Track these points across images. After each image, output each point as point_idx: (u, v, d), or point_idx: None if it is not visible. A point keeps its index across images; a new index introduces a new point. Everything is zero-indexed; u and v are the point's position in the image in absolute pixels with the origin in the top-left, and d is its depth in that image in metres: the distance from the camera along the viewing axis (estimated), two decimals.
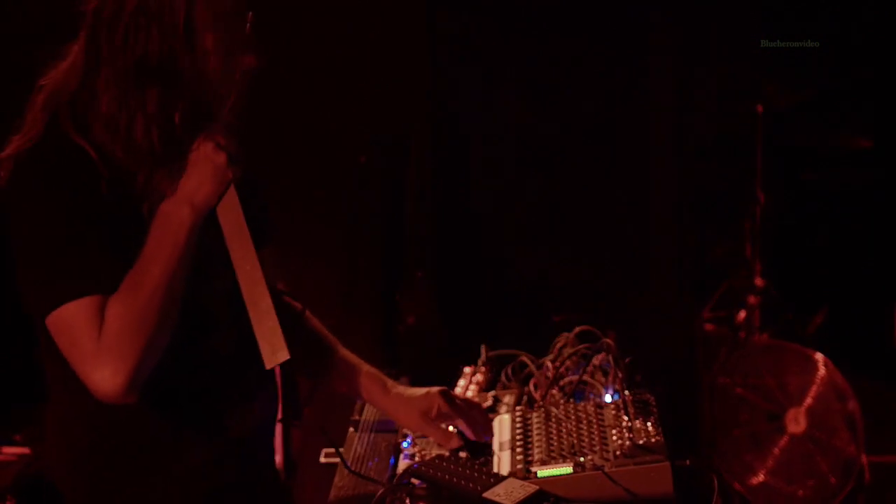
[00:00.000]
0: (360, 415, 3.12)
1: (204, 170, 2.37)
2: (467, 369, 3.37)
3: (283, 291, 2.83)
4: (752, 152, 5.58)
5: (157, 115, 2.36)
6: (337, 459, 2.89)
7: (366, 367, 2.94)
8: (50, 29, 2.40)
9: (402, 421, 2.92)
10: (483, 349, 3.49)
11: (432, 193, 5.75)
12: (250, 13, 2.45)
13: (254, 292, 2.43)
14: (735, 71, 5.87)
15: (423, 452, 2.88)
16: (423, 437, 2.92)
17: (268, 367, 2.42)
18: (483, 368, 3.42)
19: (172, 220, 2.34)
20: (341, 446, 2.97)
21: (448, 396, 2.87)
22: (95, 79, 2.38)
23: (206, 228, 2.41)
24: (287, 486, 2.76)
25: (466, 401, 2.95)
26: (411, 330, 3.76)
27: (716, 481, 2.78)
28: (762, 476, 4.59)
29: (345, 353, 2.95)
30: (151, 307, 2.27)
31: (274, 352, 2.42)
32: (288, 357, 2.42)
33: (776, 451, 4.59)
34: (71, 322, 2.26)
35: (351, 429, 3.06)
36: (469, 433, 2.87)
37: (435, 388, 2.90)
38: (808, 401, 4.61)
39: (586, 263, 5.90)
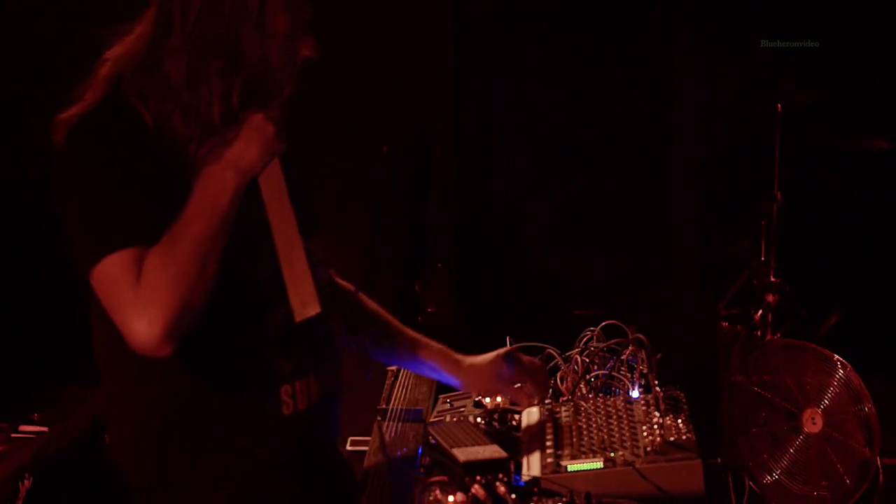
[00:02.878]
0: (387, 404, 3.13)
1: (251, 137, 2.43)
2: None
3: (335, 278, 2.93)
4: (770, 151, 5.57)
5: (219, 88, 2.42)
6: (363, 447, 2.91)
7: (433, 343, 3.07)
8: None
9: (476, 388, 3.09)
10: (508, 341, 3.50)
11: (455, 185, 5.74)
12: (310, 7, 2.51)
13: (289, 253, 2.52)
14: (756, 69, 5.86)
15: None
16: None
17: (297, 319, 2.52)
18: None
19: (215, 182, 2.39)
20: (367, 436, 2.98)
21: (513, 358, 3.02)
22: (164, 48, 2.44)
23: (258, 204, 2.49)
24: (349, 464, 2.81)
25: (532, 361, 3.07)
26: (431, 320, 3.75)
27: (747, 481, 2.78)
28: (777, 475, 4.58)
29: (408, 330, 3.07)
30: (188, 263, 2.31)
31: (304, 305, 2.52)
32: (318, 311, 2.53)
33: (792, 450, 4.58)
34: (111, 274, 2.32)
35: (378, 418, 3.06)
36: (529, 395, 3.00)
37: (502, 350, 3.05)
38: (826, 401, 4.59)
39: (606, 258, 5.90)
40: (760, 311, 5.40)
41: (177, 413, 2.52)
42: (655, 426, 2.79)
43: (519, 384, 3.04)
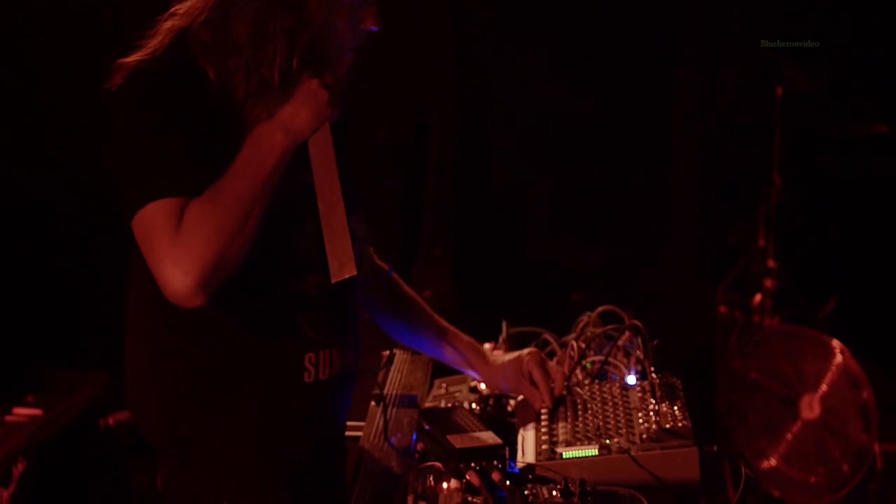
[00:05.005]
0: (382, 389, 3.11)
1: (304, 101, 2.45)
2: (488, 345, 3.36)
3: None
4: (770, 136, 5.55)
5: (282, 49, 2.44)
6: (358, 433, 2.89)
7: (462, 335, 3.10)
8: None
9: (497, 385, 3.09)
10: (504, 326, 3.48)
11: (453, 169, 5.73)
12: None
13: (330, 215, 2.53)
14: (756, 53, 5.83)
15: None
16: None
17: (333, 280, 2.54)
18: (504, 345, 3.41)
19: (264, 142, 2.42)
20: (362, 420, 2.97)
21: (537, 361, 3.02)
22: (232, 4, 2.46)
23: (304, 171, 2.51)
24: (360, 455, 2.82)
25: (553, 366, 3.06)
26: (428, 304, 3.73)
27: (743, 469, 2.77)
28: (774, 461, 4.58)
29: (438, 318, 3.10)
30: (228, 217, 2.34)
31: (341, 266, 2.54)
32: (355, 273, 2.56)
33: (789, 436, 4.58)
34: (153, 220, 2.33)
35: (372, 403, 3.05)
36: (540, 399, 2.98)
37: (526, 351, 3.06)
38: (823, 387, 4.59)
39: (604, 243, 5.88)
40: (758, 297, 5.39)
41: (202, 370, 2.54)
42: (651, 413, 2.78)
43: (537, 385, 3.01)
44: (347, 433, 2.97)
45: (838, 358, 4.57)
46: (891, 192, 5.95)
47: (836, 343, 4.61)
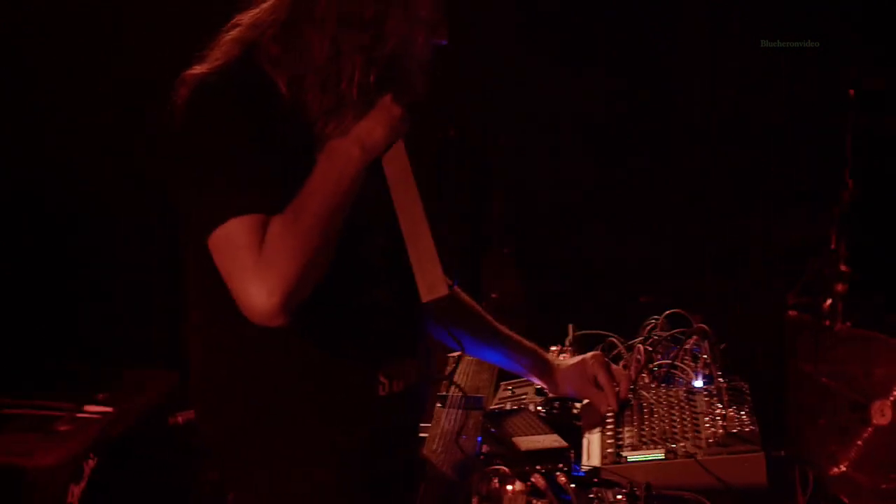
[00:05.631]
0: (448, 391, 3.12)
1: (379, 116, 2.46)
2: (554, 348, 3.35)
3: None
4: (842, 137, 5.49)
5: (361, 64, 2.43)
6: (423, 434, 2.90)
7: (525, 342, 3.10)
8: None
9: (563, 391, 3.09)
10: (570, 329, 3.48)
11: (515, 170, 5.72)
12: None
13: (414, 232, 2.52)
14: (827, 55, 5.78)
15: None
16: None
17: (424, 300, 2.51)
18: (570, 349, 3.40)
19: (340, 157, 2.42)
20: (428, 423, 2.97)
21: (601, 364, 3.03)
22: (307, 18, 2.45)
23: (374, 183, 2.49)
24: (425, 457, 2.82)
25: (619, 370, 3.08)
26: (495, 306, 3.74)
27: (811, 475, 2.74)
28: (844, 467, 4.52)
29: (501, 326, 3.09)
30: (310, 234, 2.33)
31: (432, 287, 2.52)
32: (446, 292, 2.54)
33: (860, 442, 4.50)
34: (234, 237, 2.32)
35: (438, 405, 3.06)
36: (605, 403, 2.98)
37: (590, 355, 3.08)
38: (895, 392, 4.53)
39: (673, 246, 5.84)
40: (829, 301, 5.33)
41: (273, 384, 2.53)
42: (718, 417, 2.77)
43: (603, 390, 3.01)
44: None
45: None
46: None
47: None
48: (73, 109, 4.92)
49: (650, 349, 3.19)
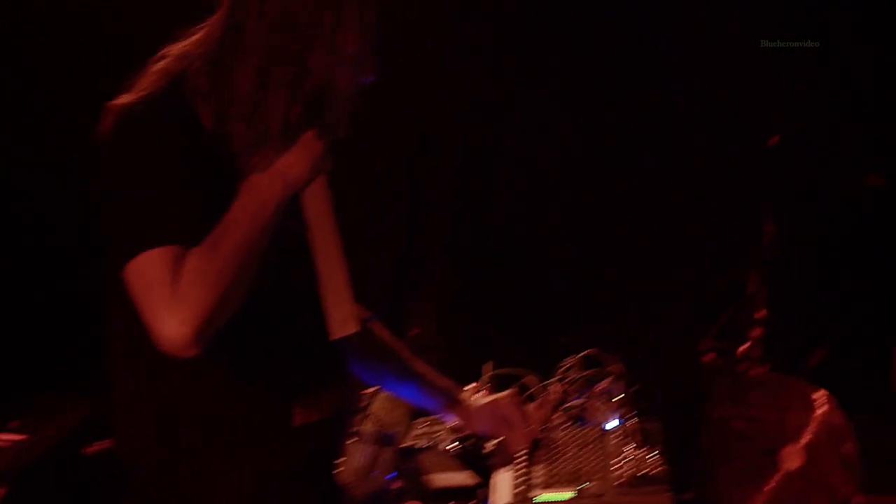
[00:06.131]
0: (362, 427, 3.12)
1: (301, 152, 2.45)
2: (471, 386, 3.36)
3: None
4: (764, 184, 5.57)
5: (285, 99, 2.43)
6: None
7: (441, 378, 3.09)
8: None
9: (475, 428, 3.08)
10: (488, 367, 3.49)
11: (448, 206, 5.74)
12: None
13: (329, 268, 2.52)
14: (753, 95, 5.87)
15: None
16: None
17: (333, 337, 2.52)
18: (487, 387, 3.41)
19: (261, 190, 2.41)
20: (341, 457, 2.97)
21: (515, 403, 3.04)
22: (233, 52, 2.46)
23: (295, 217, 2.49)
24: (341, 487, 2.82)
25: (531, 409, 3.09)
26: (415, 341, 3.76)
27: None
28: None
29: (418, 362, 3.09)
30: (227, 267, 2.32)
31: (342, 323, 2.52)
32: (357, 329, 2.53)
33: (771, 487, 4.57)
34: (150, 269, 2.31)
35: (352, 439, 3.06)
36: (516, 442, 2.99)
37: (504, 394, 3.07)
38: (807, 438, 4.59)
39: (593, 287, 5.89)
40: (747, 345, 5.39)
41: (189, 413, 2.52)
42: (628, 458, 2.79)
43: (516, 428, 3.02)
44: None
45: (823, 409, 4.57)
46: (882, 244, 5.96)
47: (820, 393, 4.62)
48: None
49: (565, 389, 3.21)
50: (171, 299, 2.28)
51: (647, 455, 2.80)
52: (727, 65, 5.93)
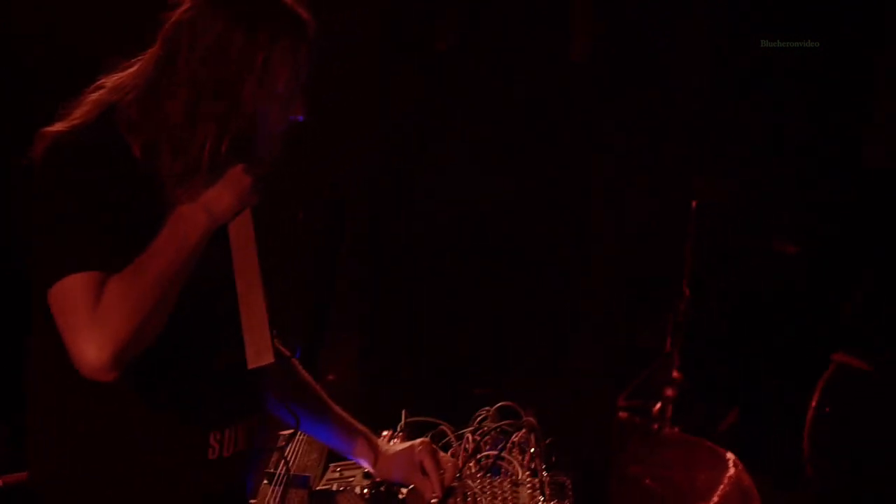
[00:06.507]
0: (276, 468, 3.12)
1: (228, 185, 2.49)
2: (385, 433, 3.37)
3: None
4: (681, 246, 5.63)
5: (213, 133, 2.47)
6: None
7: (357, 424, 3.12)
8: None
9: (388, 476, 3.09)
10: (403, 414, 3.50)
11: (365, 256, 5.76)
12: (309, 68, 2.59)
13: (249, 299, 2.54)
14: (668, 164, 5.95)
15: None
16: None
17: (250, 366, 2.54)
18: (401, 434, 3.42)
19: (186, 221, 2.45)
20: (253, 498, 2.97)
21: (429, 451, 3.04)
22: (164, 85, 2.50)
23: (221, 249, 2.53)
24: None
25: (447, 458, 3.09)
26: (331, 388, 3.76)
27: None
28: None
29: (335, 406, 3.11)
30: (147, 295, 2.36)
31: (259, 353, 2.54)
32: (272, 360, 2.56)
33: None
34: (71, 293, 2.34)
35: (265, 481, 3.05)
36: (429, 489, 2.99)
37: (417, 441, 3.08)
38: (715, 499, 4.64)
39: (511, 340, 5.92)
40: (659, 405, 5.44)
41: (105, 440, 2.55)
42: None
43: (429, 476, 3.03)
44: None
45: (731, 471, 4.62)
46: (796, 310, 6.04)
47: (730, 456, 4.67)
48: None
49: (478, 439, 3.22)
50: (90, 323, 2.31)
51: None
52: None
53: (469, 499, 2.91)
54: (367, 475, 3.20)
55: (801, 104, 5.96)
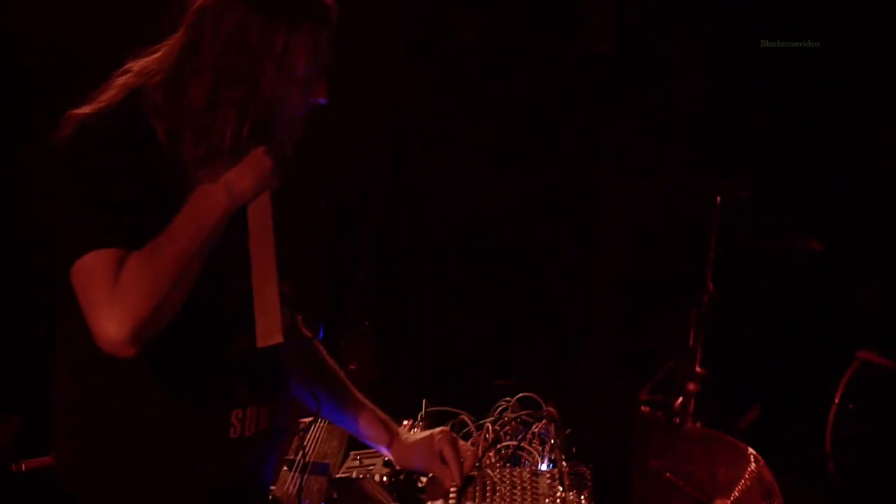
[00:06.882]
0: (296, 455, 3.13)
1: (249, 167, 2.52)
2: (406, 422, 3.37)
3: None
4: (706, 242, 5.62)
5: (234, 117, 2.50)
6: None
7: (378, 412, 3.13)
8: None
9: (407, 464, 3.09)
10: (424, 404, 3.50)
11: (387, 245, 5.76)
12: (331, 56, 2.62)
13: (262, 281, 2.58)
14: (696, 159, 5.94)
15: None
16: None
17: (259, 345, 2.58)
18: (422, 424, 3.42)
19: (207, 201, 2.48)
20: (273, 484, 2.97)
21: (449, 439, 3.02)
22: (187, 71, 2.53)
23: (238, 232, 2.56)
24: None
25: (466, 446, 3.08)
26: (352, 377, 3.77)
27: None
28: None
29: (357, 392, 3.13)
30: (166, 272, 2.39)
31: (268, 333, 2.58)
32: (281, 340, 2.61)
33: None
34: (92, 269, 2.38)
35: (285, 468, 3.06)
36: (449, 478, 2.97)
37: (437, 430, 3.07)
38: (736, 493, 4.62)
39: (534, 332, 5.92)
40: (681, 399, 5.43)
41: (127, 418, 2.58)
42: (558, 500, 2.81)
43: (449, 465, 3.03)
44: None
45: (752, 466, 4.60)
46: (818, 308, 6.03)
47: (751, 451, 4.65)
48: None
49: (498, 429, 3.22)
50: (109, 299, 2.35)
51: (576, 499, 2.81)
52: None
53: (488, 488, 2.91)
54: (386, 463, 3.20)
55: (821, 103, 5.95)
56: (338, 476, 3.14)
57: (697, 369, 5.49)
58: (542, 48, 5.97)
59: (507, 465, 3.11)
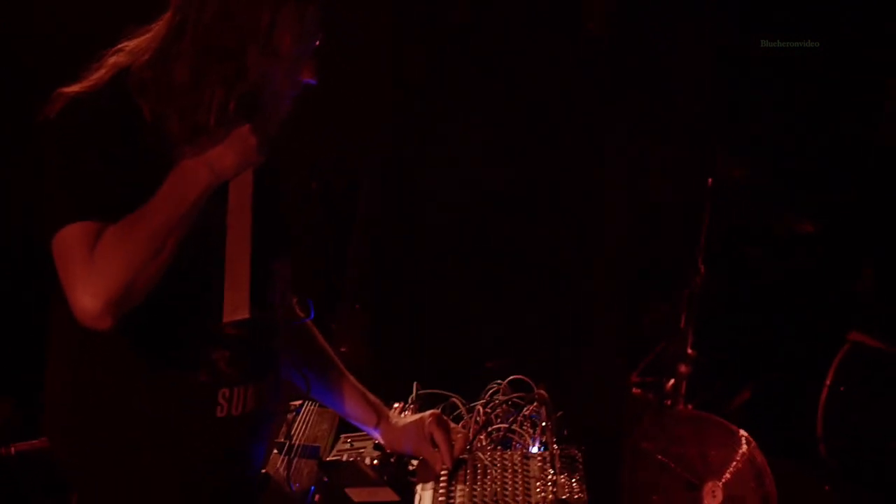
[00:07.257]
0: (286, 438, 3.12)
1: (233, 143, 2.51)
2: (396, 405, 3.37)
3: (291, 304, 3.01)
4: (698, 223, 5.61)
5: (219, 95, 2.51)
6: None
7: (369, 395, 3.13)
8: None
9: (398, 448, 3.08)
10: (415, 387, 3.49)
11: (379, 227, 5.75)
12: (321, 35, 2.62)
13: (236, 255, 2.59)
14: (690, 139, 5.93)
15: None
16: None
17: (224, 320, 2.59)
18: (412, 406, 3.42)
19: (188, 177, 2.47)
20: (263, 468, 2.97)
21: (439, 422, 3.02)
22: (173, 50, 2.54)
23: (220, 210, 2.58)
24: (262, 476, 2.87)
25: (457, 428, 3.08)
26: (343, 359, 3.77)
27: None
28: None
29: (349, 375, 3.14)
30: (142, 246, 2.39)
31: (235, 308, 2.59)
32: (247, 316, 2.60)
33: None
34: (69, 241, 2.39)
35: (275, 451, 3.05)
36: (439, 461, 2.97)
37: (428, 413, 3.07)
38: (727, 475, 4.63)
39: (524, 314, 5.91)
40: (672, 381, 5.42)
41: (115, 399, 2.59)
42: (549, 483, 2.80)
43: (438, 447, 3.03)
44: None
45: (744, 448, 4.61)
46: (810, 289, 6.03)
47: (742, 432, 4.66)
48: None
49: (489, 412, 3.22)
50: (85, 271, 2.36)
51: (568, 481, 2.81)
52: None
53: (479, 471, 2.90)
54: (377, 446, 3.20)
55: (818, 84, 5.95)
56: (328, 459, 3.14)
57: (689, 351, 5.48)
58: (541, 47, 5.96)
59: (498, 447, 3.10)
